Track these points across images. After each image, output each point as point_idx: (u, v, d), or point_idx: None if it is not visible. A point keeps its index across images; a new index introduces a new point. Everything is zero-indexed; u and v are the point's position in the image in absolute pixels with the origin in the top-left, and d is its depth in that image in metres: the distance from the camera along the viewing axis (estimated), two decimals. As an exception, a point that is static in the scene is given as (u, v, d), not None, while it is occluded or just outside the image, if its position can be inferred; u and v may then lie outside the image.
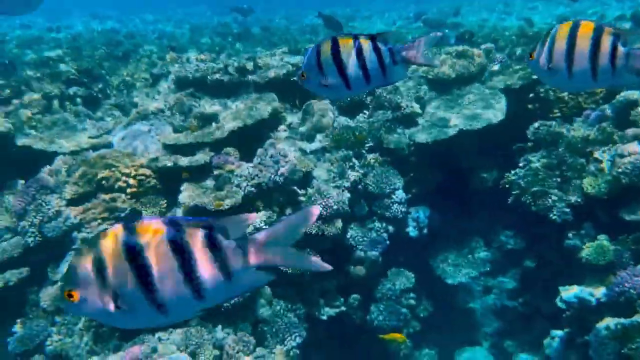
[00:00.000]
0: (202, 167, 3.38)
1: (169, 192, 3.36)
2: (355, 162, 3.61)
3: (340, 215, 3.35)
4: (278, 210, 3.33)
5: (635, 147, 3.07)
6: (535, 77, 3.67)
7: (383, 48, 1.87)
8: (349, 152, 3.64)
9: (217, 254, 1.14)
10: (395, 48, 1.89)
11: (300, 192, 3.40)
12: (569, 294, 2.98)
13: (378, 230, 3.62)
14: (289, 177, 3.31)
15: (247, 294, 2.95)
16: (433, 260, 4.23)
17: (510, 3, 12.79)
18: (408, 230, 3.94)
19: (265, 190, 3.28)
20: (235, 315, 2.98)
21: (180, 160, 3.36)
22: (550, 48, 1.89)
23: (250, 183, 3.24)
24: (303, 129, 3.92)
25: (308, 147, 3.78)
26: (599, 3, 10.42)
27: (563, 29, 1.88)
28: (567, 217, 3.25)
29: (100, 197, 3.25)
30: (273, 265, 1.20)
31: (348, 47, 1.86)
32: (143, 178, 3.33)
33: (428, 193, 4.06)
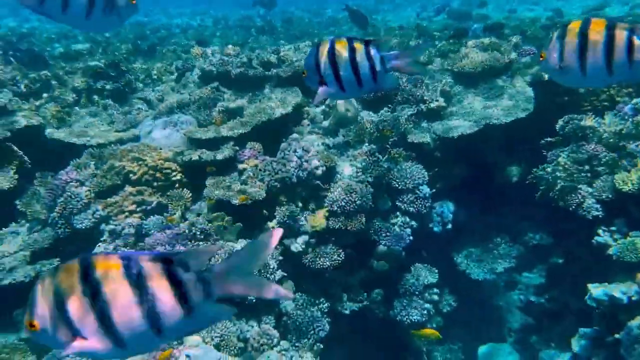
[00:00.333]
0: (226, 161, 3.40)
1: (194, 186, 3.40)
2: (379, 156, 3.58)
3: (364, 210, 3.34)
4: (301, 205, 3.33)
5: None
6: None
7: (375, 55, 1.91)
8: (373, 146, 3.62)
9: (176, 288, 1.13)
10: (386, 56, 1.93)
11: (324, 186, 3.40)
12: (599, 292, 2.91)
13: (401, 226, 3.59)
14: (313, 171, 3.31)
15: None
16: (457, 256, 4.19)
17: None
18: (432, 226, 3.90)
19: (289, 185, 3.28)
20: (260, 308, 3.00)
21: (205, 155, 3.39)
22: (561, 47, 1.88)
23: (274, 178, 3.25)
24: (326, 123, 3.91)
25: (331, 141, 3.77)
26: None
27: (573, 27, 1.87)
28: (597, 213, 3.18)
29: (127, 190, 3.30)
30: (235, 296, 1.18)
31: (343, 51, 1.91)
32: (169, 172, 3.37)
33: (453, 188, 4.01)
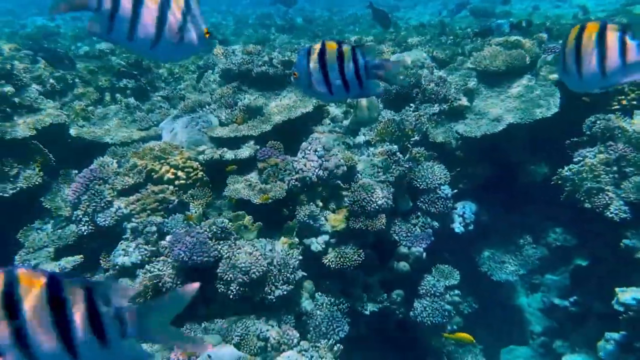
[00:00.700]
0: (247, 160, 3.41)
1: (215, 184, 3.41)
2: (400, 156, 3.55)
3: (385, 211, 3.31)
4: (322, 205, 3.32)
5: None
6: None
7: (361, 61, 1.92)
8: (394, 146, 3.59)
9: (93, 318, 1.12)
10: (369, 63, 1.93)
11: (344, 186, 3.38)
12: (627, 296, 2.84)
13: (423, 226, 3.55)
14: (333, 171, 3.30)
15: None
16: (479, 257, 4.13)
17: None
18: (453, 226, 3.86)
19: (309, 185, 3.27)
20: (280, 308, 3.00)
21: (227, 154, 3.40)
22: (563, 52, 1.93)
23: (295, 177, 3.25)
24: (347, 123, 3.89)
25: (352, 140, 3.75)
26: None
27: (572, 32, 1.90)
28: (625, 215, 3.11)
29: (150, 188, 3.33)
30: (149, 341, 1.17)
31: (332, 55, 1.92)
32: (190, 170, 3.39)
33: (475, 188, 3.95)
